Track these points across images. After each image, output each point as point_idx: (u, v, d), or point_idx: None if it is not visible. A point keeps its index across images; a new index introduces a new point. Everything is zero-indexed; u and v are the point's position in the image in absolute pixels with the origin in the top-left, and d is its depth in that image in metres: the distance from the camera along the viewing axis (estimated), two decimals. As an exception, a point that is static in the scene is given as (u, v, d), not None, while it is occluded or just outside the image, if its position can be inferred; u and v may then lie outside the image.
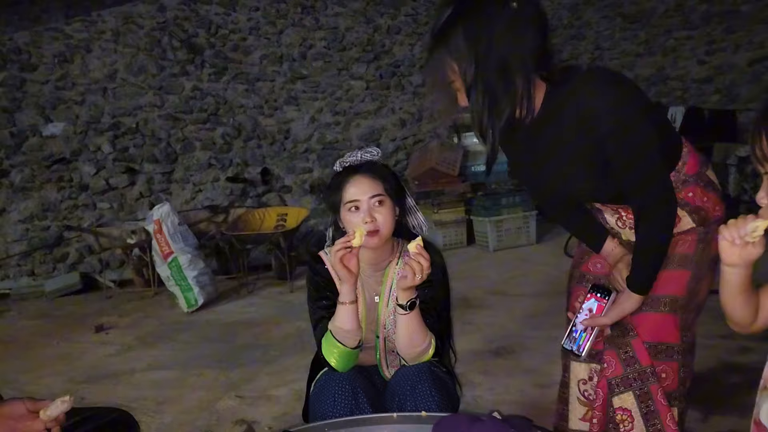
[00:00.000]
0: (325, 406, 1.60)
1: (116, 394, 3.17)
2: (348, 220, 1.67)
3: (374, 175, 1.68)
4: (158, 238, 4.78)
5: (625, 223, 1.58)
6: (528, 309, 3.97)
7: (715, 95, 8.00)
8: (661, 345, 1.48)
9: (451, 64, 1.36)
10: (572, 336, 1.57)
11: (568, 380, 1.62)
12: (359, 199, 1.65)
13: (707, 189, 1.52)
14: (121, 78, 6.32)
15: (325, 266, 1.75)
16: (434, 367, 1.69)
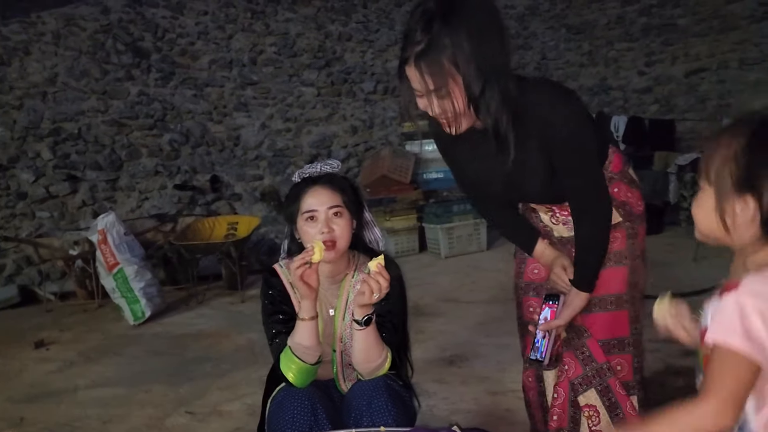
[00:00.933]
0: (284, 423, 1.57)
1: (58, 413, 3.03)
2: (304, 231, 1.65)
3: (333, 187, 1.68)
4: (103, 249, 4.61)
5: (558, 220, 1.65)
6: (480, 316, 4.02)
7: (654, 105, 8.32)
8: (614, 340, 1.59)
9: (449, 69, 1.28)
10: (535, 346, 1.62)
11: (543, 389, 1.70)
12: (317, 209, 1.64)
13: (631, 186, 1.63)
14: (62, 82, 6.09)
15: (279, 279, 1.73)
16: (390, 380, 1.68)
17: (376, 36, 8.01)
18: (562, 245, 1.67)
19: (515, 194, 1.63)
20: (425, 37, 1.26)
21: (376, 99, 7.74)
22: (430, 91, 1.30)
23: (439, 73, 1.27)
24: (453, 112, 1.33)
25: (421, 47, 1.27)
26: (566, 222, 1.63)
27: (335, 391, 1.75)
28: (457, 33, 1.25)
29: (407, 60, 1.30)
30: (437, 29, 1.25)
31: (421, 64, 1.27)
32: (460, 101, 1.31)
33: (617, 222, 1.59)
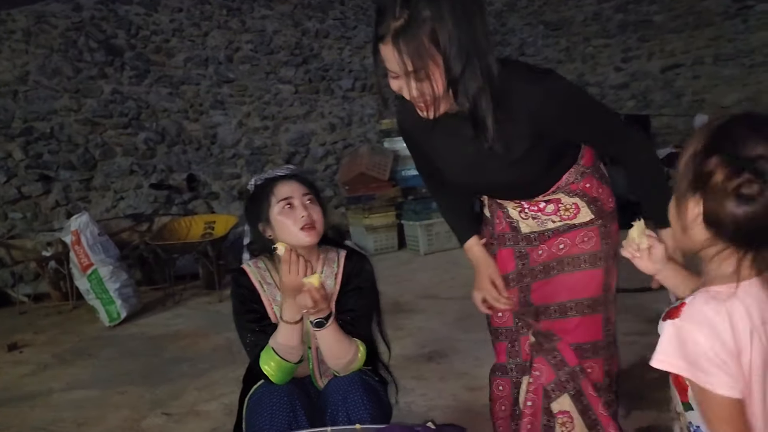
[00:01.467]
0: (262, 421, 1.56)
1: (32, 417, 2.98)
2: (281, 221, 1.64)
3: (299, 180, 1.72)
4: (76, 250, 4.54)
5: (527, 215, 1.56)
6: (458, 312, 4.02)
7: (631, 101, 8.40)
8: (587, 344, 1.53)
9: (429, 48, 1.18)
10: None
11: (518, 395, 1.61)
12: (292, 196, 1.65)
13: (602, 181, 1.57)
14: (33, 80, 5.97)
15: (249, 279, 1.72)
16: (366, 375, 1.68)
17: (353, 33, 7.98)
18: (529, 242, 1.59)
19: (486, 185, 1.55)
20: (404, 12, 1.16)
21: (354, 96, 7.72)
22: (408, 72, 1.20)
23: (419, 52, 1.16)
24: (431, 95, 1.23)
25: (400, 23, 1.16)
26: (536, 216, 1.56)
27: (312, 388, 1.74)
28: (438, 7, 1.15)
29: (383, 37, 1.19)
30: (417, 3, 1.15)
31: (400, 42, 1.17)
32: (439, 83, 1.22)
33: (590, 220, 1.54)
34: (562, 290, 1.54)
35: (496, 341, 1.69)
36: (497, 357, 1.68)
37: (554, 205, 1.52)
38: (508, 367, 1.64)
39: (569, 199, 1.52)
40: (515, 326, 1.64)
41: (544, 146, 1.39)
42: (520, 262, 1.61)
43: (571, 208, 1.52)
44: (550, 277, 1.56)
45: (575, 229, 1.53)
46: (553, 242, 1.55)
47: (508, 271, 1.62)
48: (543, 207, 1.53)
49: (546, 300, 1.56)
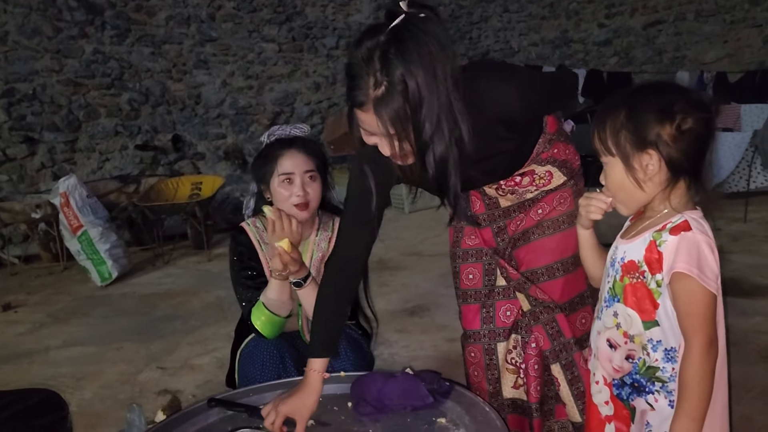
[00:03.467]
0: (254, 371, 1.68)
1: (31, 373, 3.10)
2: (279, 192, 1.73)
3: (308, 152, 1.77)
4: (66, 212, 4.60)
5: (505, 191, 1.62)
6: (442, 268, 4.16)
7: (614, 57, 8.45)
8: (576, 297, 1.62)
9: (407, 112, 1.15)
10: None
11: (496, 361, 1.66)
12: (293, 172, 1.73)
13: (567, 142, 1.64)
14: (12, 41, 5.90)
15: (248, 237, 1.82)
16: (349, 329, 1.81)
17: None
18: (508, 215, 1.64)
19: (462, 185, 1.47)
20: (384, 80, 1.13)
21: (339, 55, 7.68)
22: (390, 135, 1.18)
23: (398, 117, 1.15)
24: (407, 150, 1.22)
25: (381, 91, 1.14)
26: (513, 191, 1.60)
27: (300, 341, 1.86)
28: (414, 74, 1.12)
29: (362, 105, 1.16)
30: (395, 71, 1.12)
31: (382, 111, 1.14)
32: (414, 143, 1.20)
33: (563, 182, 1.60)
34: (547, 253, 1.60)
35: (464, 303, 1.70)
36: (466, 322, 1.69)
37: (529, 177, 1.58)
38: (481, 333, 1.67)
39: (542, 168, 1.58)
40: (486, 289, 1.67)
41: (513, 136, 1.44)
42: (499, 238, 1.66)
43: (545, 176, 1.59)
44: (530, 243, 1.61)
45: (551, 192, 1.61)
46: (531, 209, 1.62)
47: (491, 246, 1.67)
48: (519, 181, 1.58)
49: (532, 265, 1.61)
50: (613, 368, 1.23)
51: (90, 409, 2.61)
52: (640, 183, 1.13)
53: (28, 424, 1.31)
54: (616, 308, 1.21)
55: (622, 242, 1.23)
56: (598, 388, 1.28)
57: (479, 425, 1.28)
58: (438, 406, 1.39)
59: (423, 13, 1.14)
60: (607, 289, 1.25)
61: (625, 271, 1.19)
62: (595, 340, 1.29)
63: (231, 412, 1.43)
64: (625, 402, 1.22)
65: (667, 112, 1.09)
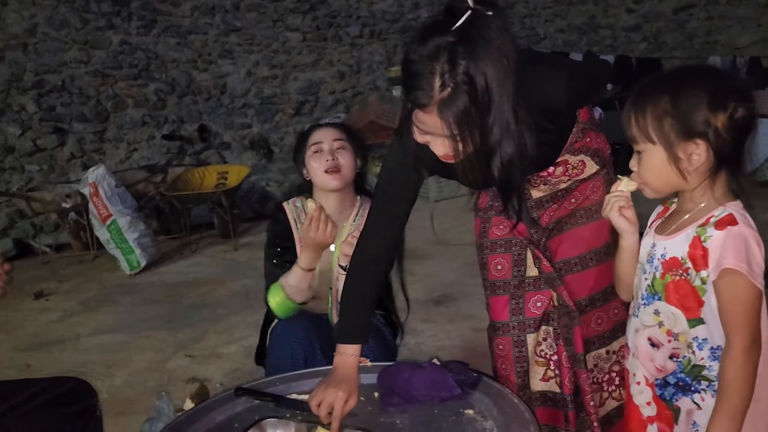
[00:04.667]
0: (284, 355, 1.70)
1: (62, 360, 3.16)
2: (311, 165, 1.80)
3: (337, 127, 1.86)
4: (95, 202, 4.67)
5: (537, 182, 1.57)
6: (467, 258, 4.12)
7: (643, 43, 8.27)
8: (608, 287, 1.55)
9: (475, 115, 1.11)
10: None
11: (525, 354, 1.62)
12: (322, 141, 1.80)
13: (598, 130, 1.61)
14: (42, 32, 5.98)
15: (285, 215, 1.87)
16: (373, 318, 1.81)
17: (361, -23, 7.84)
18: (540, 206, 1.61)
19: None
20: (450, 82, 1.08)
21: (363, 43, 7.64)
22: (453, 136, 1.13)
23: (466, 119, 1.10)
24: (461, 152, 1.17)
25: (447, 93, 1.08)
26: (546, 182, 1.56)
27: (328, 325, 1.86)
28: (484, 76, 1.07)
29: (425, 106, 1.11)
30: (463, 72, 1.07)
31: (447, 113, 1.09)
32: (476, 143, 1.15)
33: (595, 171, 1.57)
34: (580, 243, 1.58)
35: (492, 295, 1.66)
36: (494, 314, 1.66)
37: (562, 167, 1.55)
38: (510, 325, 1.64)
39: (575, 158, 1.55)
40: (515, 280, 1.63)
41: (557, 126, 1.43)
42: (532, 229, 1.62)
43: (578, 166, 1.56)
44: (562, 233, 1.59)
45: (584, 182, 1.58)
46: (565, 199, 1.60)
47: (525, 237, 1.62)
48: (552, 171, 1.55)
49: (566, 255, 1.59)
50: (656, 368, 1.19)
51: (120, 396, 2.66)
52: (683, 173, 1.09)
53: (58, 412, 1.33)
54: (656, 306, 1.17)
55: (660, 238, 1.18)
56: (639, 388, 1.24)
57: (508, 417, 1.27)
58: (465, 398, 1.38)
59: (490, 10, 1.09)
60: (644, 286, 1.20)
61: (667, 269, 1.14)
62: (633, 339, 1.24)
63: (258, 401, 1.44)
64: (669, 402, 1.18)
65: (719, 100, 1.04)
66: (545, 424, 1.61)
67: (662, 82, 1.10)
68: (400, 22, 7.56)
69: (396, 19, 7.60)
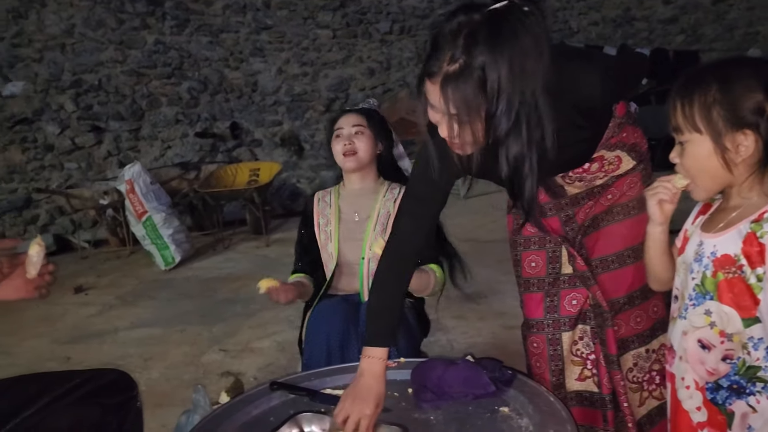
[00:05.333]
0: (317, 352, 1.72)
1: (102, 353, 3.24)
2: (334, 149, 1.95)
3: (359, 113, 1.98)
4: (131, 198, 4.77)
5: (572, 179, 1.55)
6: (498, 255, 4.10)
7: (680, 35, 8.09)
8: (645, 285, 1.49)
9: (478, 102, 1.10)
10: None
11: (560, 352, 1.62)
12: (342, 127, 1.94)
13: (635, 125, 1.57)
14: (79, 33, 6.13)
15: (313, 200, 2.03)
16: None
17: (390, -27, 7.83)
18: (576, 203, 1.58)
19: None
20: (461, 58, 1.08)
21: (393, 40, 7.64)
22: (451, 114, 1.12)
23: (466, 102, 1.09)
24: (467, 140, 1.17)
25: (454, 68, 1.08)
26: (581, 178, 1.54)
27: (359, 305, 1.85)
28: (498, 65, 1.06)
29: (432, 75, 1.12)
30: (478, 54, 1.06)
31: (449, 88, 1.09)
32: (479, 134, 1.14)
33: (632, 166, 1.54)
34: (617, 240, 1.55)
35: (526, 292, 1.65)
36: (528, 311, 1.65)
37: (598, 163, 1.52)
38: (545, 323, 1.62)
39: (611, 153, 1.52)
40: (550, 278, 1.62)
41: (592, 123, 1.40)
42: (568, 227, 1.60)
43: (614, 161, 1.53)
44: (599, 229, 1.56)
45: (621, 177, 1.55)
46: (601, 196, 1.57)
47: (560, 235, 1.60)
48: (588, 167, 1.52)
49: (602, 252, 1.56)
50: (707, 371, 1.14)
51: (157, 389, 2.71)
52: (729, 164, 1.06)
53: (100, 403, 1.36)
54: (708, 306, 1.13)
55: (708, 236, 1.14)
56: (688, 393, 1.18)
57: (544, 415, 1.25)
58: (500, 395, 1.37)
59: (528, 6, 1.08)
60: (692, 286, 1.16)
61: (719, 266, 1.10)
62: (681, 342, 1.19)
63: (293, 396, 1.45)
64: (721, 407, 1.13)
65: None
66: (581, 425, 1.59)
67: (711, 71, 1.08)
68: (430, 18, 7.53)
69: (426, 14, 7.57)
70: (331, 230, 1.94)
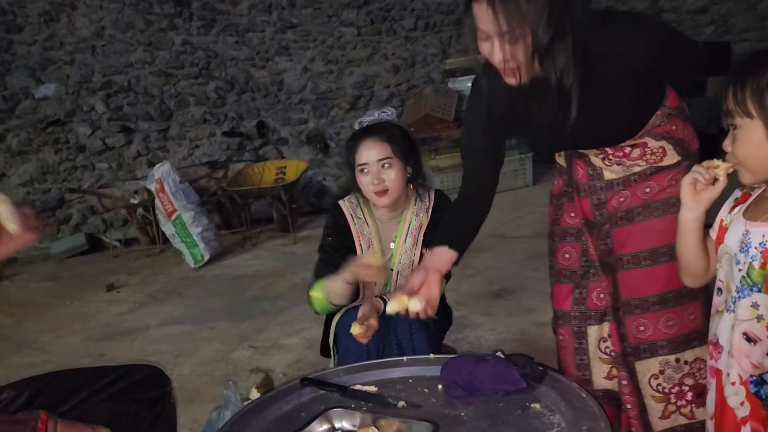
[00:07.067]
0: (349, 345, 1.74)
1: (134, 349, 3.30)
2: (360, 181, 1.85)
3: (383, 138, 1.82)
4: (161, 197, 4.84)
5: (611, 161, 1.53)
6: (526, 250, 4.08)
7: (710, 26, 7.91)
8: (682, 289, 1.48)
9: (526, 10, 1.18)
10: None
11: (586, 346, 1.61)
12: (368, 162, 1.82)
13: (686, 121, 1.54)
14: (109, 35, 6.22)
15: (342, 212, 1.94)
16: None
17: (415, -31, 7.80)
18: (610, 188, 1.54)
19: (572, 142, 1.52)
20: None
21: (417, 36, 7.61)
22: (503, 33, 1.18)
23: (515, 13, 1.15)
24: (520, 59, 1.23)
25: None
26: (620, 162, 1.52)
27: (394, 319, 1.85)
28: None
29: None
30: None
31: (496, 2, 1.16)
32: (529, 51, 1.22)
33: (676, 162, 1.50)
34: (653, 236, 1.50)
35: (557, 283, 1.66)
36: (557, 301, 1.65)
37: (640, 149, 1.50)
38: (571, 314, 1.62)
39: (656, 143, 1.49)
40: (582, 270, 1.60)
41: (632, 92, 1.39)
42: (597, 212, 1.57)
43: (657, 152, 1.50)
44: (634, 223, 1.52)
45: (662, 171, 1.50)
46: (638, 187, 1.52)
47: (587, 218, 1.59)
48: (628, 152, 1.51)
49: (635, 248, 1.52)
50: (752, 364, 1.11)
51: (188, 385, 2.75)
52: None
53: (135, 398, 1.38)
54: (755, 298, 1.10)
55: (755, 225, 1.11)
56: (734, 389, 1.15)
57: (576, 412, 1.24)
58: (531, 392, 1.36)
59: None
60: (739, 278, 1.12)
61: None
62: (728, 336, 1.16)
63: (323, 392, 1.46)
64: (765, 401, 1.11)
65: None
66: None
67: (764, 56, 1.07)
68: (454, 14, 7.49)
69: (450, 10, 7.52)
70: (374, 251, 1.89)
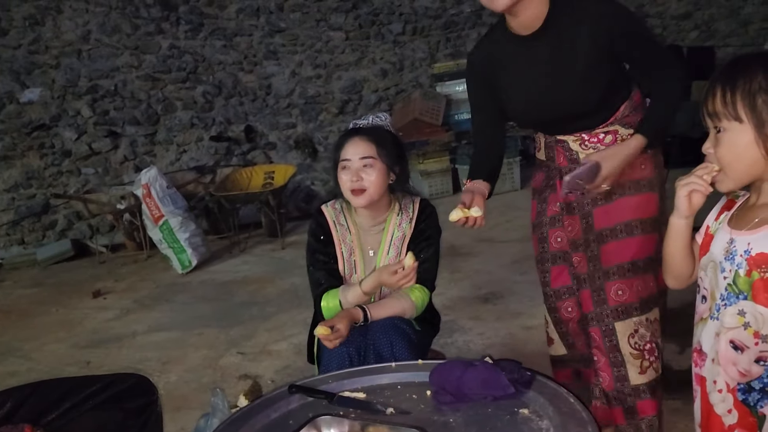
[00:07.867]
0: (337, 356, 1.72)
1: (120, 356, 3.27)
2: (340, 177, 1.82)
3: (369, 139, 1.80)
4: (148, 203, 4.80)
5: (587, 146, 1.74)
6: (514, 255, 4.09)
7: (694, 31, 8.00)
8: (646, 259, 1.71)
9: None
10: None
11: (616, 342, 1.72)
12: (350, 158, 1.79)
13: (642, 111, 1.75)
14: (95, 39, 6.18)
15: (325, 218, 1.90)
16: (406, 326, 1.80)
17: (402, -26, 7.81)
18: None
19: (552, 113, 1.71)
20: None
21: (405, 40, 7.62)
22: None
23: None
24: None
25: None
26: (596, 147, 1.71)
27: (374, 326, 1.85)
28: None
29: None
30: None
31: None
32: None
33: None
34: (627, 210, 1.71)
35: (553, 265, 1.85)
36: (555, 281, 1.85)
37: (612, 136, 1.71)
38: (573, 288, 1.81)
39: (625, 131, 1.69)
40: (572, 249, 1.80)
41: (603, 69, 1.61)
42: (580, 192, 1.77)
43: (627, 138, 1.67)
44: (612, 202, 1.72)
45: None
46: None
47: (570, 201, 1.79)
48: (602, 138, 1.72)
49: (612, 222, 1.72)
50: (739, 372, 1.11)
51: (176, 392, 2.73)
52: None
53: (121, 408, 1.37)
54: (741, 306, 1.10)
55: (739, 233, 1.11)
56: (720, 396, 1.15)
57: (564, 416, 1.24)
58: (519, 397, 1.36)
59: None
60: (724, 286, 1.12)
61: (754, 265, 1.07)
62: (713, 343, 1.16)
63: (312, 399, 1.45)
64: (753, 409, 1.11)
65: None
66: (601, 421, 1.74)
67: (756, 59, 1.07)
68: (442, 18, 7.52)
69: (438, 15, 7.55)
70: (355, 260, 1.87)
